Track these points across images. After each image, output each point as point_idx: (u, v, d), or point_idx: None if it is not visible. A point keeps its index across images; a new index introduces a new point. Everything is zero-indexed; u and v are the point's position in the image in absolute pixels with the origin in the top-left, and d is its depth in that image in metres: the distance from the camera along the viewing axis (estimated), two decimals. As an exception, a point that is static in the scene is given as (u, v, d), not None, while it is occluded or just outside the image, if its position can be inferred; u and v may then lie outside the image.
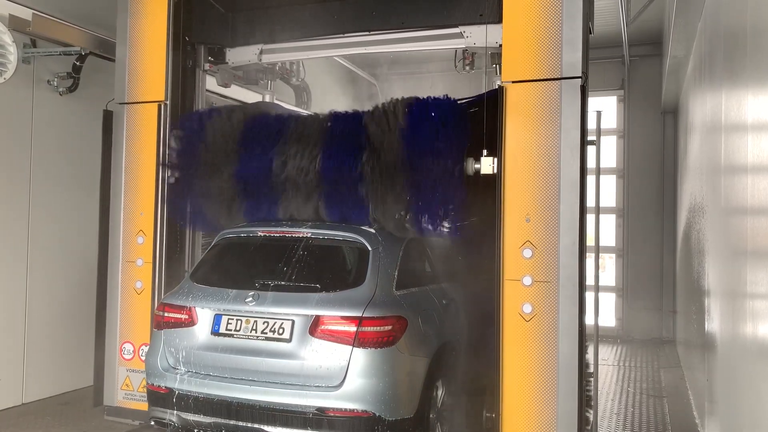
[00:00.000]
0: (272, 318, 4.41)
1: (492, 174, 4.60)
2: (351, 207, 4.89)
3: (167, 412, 4.59)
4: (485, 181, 4.65)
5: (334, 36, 5.62)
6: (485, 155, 4.65)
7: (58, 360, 6.43)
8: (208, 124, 5.37)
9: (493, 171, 4.59)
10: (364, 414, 4.11)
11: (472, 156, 4.71)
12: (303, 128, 5.16)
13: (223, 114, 5.44)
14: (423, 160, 4.65)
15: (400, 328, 4.33)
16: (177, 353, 4.58)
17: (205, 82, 6.06)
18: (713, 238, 4.77)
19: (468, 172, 4.72)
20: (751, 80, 3.06)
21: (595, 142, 4.63)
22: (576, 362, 4.27)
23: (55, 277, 6.53)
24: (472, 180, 4.72)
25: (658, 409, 6.63)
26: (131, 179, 5.64)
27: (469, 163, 4.72)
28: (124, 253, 5.63)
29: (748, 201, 3.14)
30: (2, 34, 5.86)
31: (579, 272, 4.31)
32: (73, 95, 6.62)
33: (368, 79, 11.27)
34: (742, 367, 3.29)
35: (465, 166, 4.70)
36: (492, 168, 4.61)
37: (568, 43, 4.39)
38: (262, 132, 5.25)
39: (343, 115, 5.16)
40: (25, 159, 6.34)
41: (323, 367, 4.20)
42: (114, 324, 5.61)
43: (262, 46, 5.88)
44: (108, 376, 5.61)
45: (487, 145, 4.61)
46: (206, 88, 6.10)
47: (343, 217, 4.95)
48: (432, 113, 4.71)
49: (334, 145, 4.93)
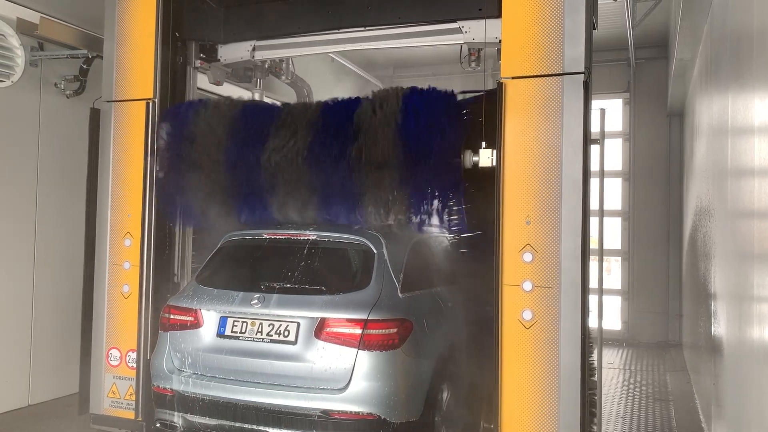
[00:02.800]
0: (277, 320, 4.41)
1: (491, 167, 4.44)
2: (345, 199, 4.78)
3: (172, 414, 4.60)
4: (484, 174, 4.51)
5: (329, 32, 5.47)
6: (484, 147, 4.50)
7: (64, 362, 6.45)
8: (195, 115, 5.22)
9: (492, 163, 4.43)
10: (369, 417, 4.11)
11: (470, 149, 4.58)
12: (293, 118, 4.99)
13: (210, 105, 5.29)
14: (419, 152, 4.52)
15: (405, 330, 4.32)
16: (182, 355, 4.59)
17: (196, 80, 5.89)
18: (720, 241, 4.75)
19: (466, 165, 4.59)
20: (758, 83, 3.05)
21: (599, 142, 4.47)
22: (579, 372, 4.09)
23: (62, 279, 6.54)
24: (470, 173, 4.60)
25: (664, 413, 6.59)
26: (118, 180, 5.45)
27: (468, 156, 4.58)
28: (111, 255, 5.43)
29: (755, 204, 3.13)
30: (10, 37, 5.89)
31: (582, 277, 4.12)
32: (80, 98, 6.65)
33: (374, 82, 11.30)
34: (749, 371, 3.27)
35: (463, 159, 4.57)
36: (491, 160, 4.45)
37: (570, 38, 4.23)
38: (251, 122, 5.10)
39: (335, 104, 4.99)
40: (31, 161, 6.36)
41: (328, 370, 4.20)
42: (100, 329, 5.41)
43: (254, 43, 5.72)
44: (94, 383, 5.42)
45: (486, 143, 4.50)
46: (198, 86, 5.94)
47: (336, 210, 4.84)
48: (429, 104, 4.59)
49: (326, 135, 4.79)
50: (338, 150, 4.71)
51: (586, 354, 4.18)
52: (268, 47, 5.78)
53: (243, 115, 5.18)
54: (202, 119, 5.17)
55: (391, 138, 4.57)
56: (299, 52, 5.81)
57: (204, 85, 6.18)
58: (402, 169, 4.56)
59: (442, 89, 4.71)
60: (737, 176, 3.86)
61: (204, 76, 6.05)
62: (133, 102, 5.46)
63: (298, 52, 5.83)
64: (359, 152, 4.63)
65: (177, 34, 5.63)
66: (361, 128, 4.68)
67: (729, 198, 4.21)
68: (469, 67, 5.24)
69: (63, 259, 6.58)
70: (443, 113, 4.61)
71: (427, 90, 4.70)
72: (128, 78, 5.50)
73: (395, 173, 4.58)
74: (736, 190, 3.91)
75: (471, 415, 4.83)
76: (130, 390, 5.29)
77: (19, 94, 6.15)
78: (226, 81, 6.25)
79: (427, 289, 4.97)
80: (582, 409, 4.11)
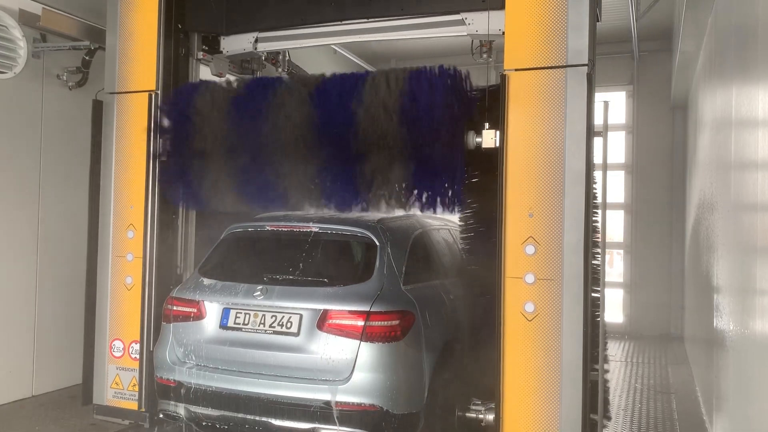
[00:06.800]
0: (280, 312, 4.42)
1: (494, 148, 4.42)
2: (347, 181, 4.73)
3: (176, 405, 4.62)
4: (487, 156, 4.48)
5: (331, 23, 5.43)
6: (487, 128, 4.46)
7: (68, 353, 6.47)
8: (197, 96, 5.20)
9: (495, 144, 4.41)
10: (371, 408, 4.12)
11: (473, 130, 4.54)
12: (294, 96, 4.90)
13: (211, 86, 5.27)
14: (423, 133, 4.48)
15: (407, 322, 4.34)
16: (185, 347, 4.61)
17: (198, 72, 5.87)
18: (723, 234, 4.75)
19: (469, 146, 4.55)
20: (762, 75, 3.04)
21: (602, 134, 4.43)
22: (581, 364, 4.09)
23: (65, 271, 6.56)
24: (473, 154, 4.56)
25: (666, 406, 6.61)
26: (121, 171, 5.46)
27: (471, 137, 4.54)
28: (114, 247, 5.44)
29: (758, 197, 3.13)
30: (12, 28, 5.89)
31: (584, 270, 4.13)
32: (83, 89, 6.65)
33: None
34: (751, 364, 3.28)
35: (466, 140, 4.53)
36: (494, 141, 4.42)
37: (573, 29, 4.21)
38: (252, 101, 5.04)
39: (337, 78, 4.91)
40: (34, 153, 6.37)
41: (331, 361, 4.21)
42: (103, 321, 5.45)
43: (257, 34, 5.69)
44: (97, 374, 5.45)
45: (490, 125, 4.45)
46: (200, 78, 5.87)
47: (338, 193, 4.79)
48: (433, 83, 4.53)
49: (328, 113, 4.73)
50: (344, 132, 4.64)
51: (588, 346, 4.17)
52: (271, 39, 5.76)
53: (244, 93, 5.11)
54: (204, 101, 5.15)
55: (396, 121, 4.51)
56: (301, 44, 5.78)
57: (206, 76, 6.17)
58: (408, 151, 4.52)
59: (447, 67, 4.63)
60: (741, 169, 3.85)
61: (206, 68, 6.05)
62: (136, 93, 5.45)
63: (300, 44, 5.80)
64: (366, 134, 4.57)
65: (179, 25, 5.63)
66: (367, 110, 4.61)
67: (732, 191, 4.20)
68: (481, 58, 5.19)
69: (66, 251, 6.60)
70: (448, 92, 4.53)
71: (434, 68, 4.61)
72: (131, 70, 5.50)
73: (402, 156, 4.53)
74: (739, 183, 3.90)
75: (472, 406, 4.83)
76: (134, 381, 5.32)
77: (22, 86, 6.15)
78: (228, 72, 6.24)
79: (429, 281, 4.97)
80: (584, 401, 4.12)
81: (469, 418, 4.64)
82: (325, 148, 4.75)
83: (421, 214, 5.09)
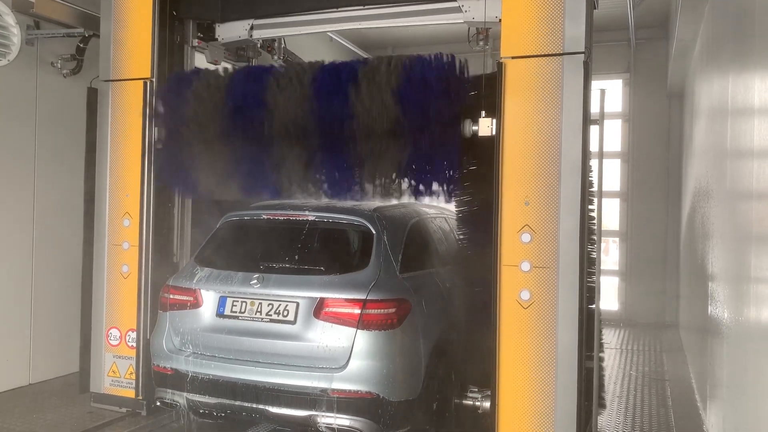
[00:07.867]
0: (277, 300, 4.43)
1: (490, 136, 4.42)
2: (343, 169, 4.75)
3: (173, 393, 4.63)
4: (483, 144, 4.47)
5: (327, 10, 5.41)
6: (483, 116, 4.46)
7: (64, 341, 6.47)
8: (194, 83, 5.17)
9: (492, 132, 4.41)
10: (367, 395, 4.15)
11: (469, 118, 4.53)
12: (289, 83, 4.88)
13: (207, 73, 5.24)
14: (419, 121, 4.47)
15: (403, 310, 4.35)
16: (182, 335, 4.62)
17: (193, 59, 5.86)
18: (718, 223, 4.76)
19: (466, 134, 4.54)
20: (759, 63, 3.04)
21: (598, 122, 4.44)
22: (576, 351, 4.13)
23: (61, 259, 6.55)
24: (469, 142, 4.56)
25: (660, 393, 6.65)
26: (116, 159, 5.44)
27: (467, 125, 4.54)
28: (110, 236, 5.45)
29: (754, 185, 3.13)
30: (5, 15, 5.83)
31: (580, 258, 4.15)
32: (77, 77, 6.59)
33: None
34: (745, 351, 3.30)
35: (462, 128, 4.52)
36: (491, 129, 4.42)
37: (570, 17, 4.20)
38: (248, 88, 5.02)
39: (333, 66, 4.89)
40: (29, 141, 6.33)
41: (327, 349, 4.23)
42: (100, 309, 5.46)
43: (252, 22, 5.67)
44: (94, 363, 5.48)
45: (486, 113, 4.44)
46: (195, 66, 5.86)
47: (334, 181, 4.81)
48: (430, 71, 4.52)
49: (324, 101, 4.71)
50: (339, 119, 4.64)
51: (583, 333, 4.20)
52: (266, 26, 5.73)
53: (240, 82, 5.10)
54: (201, 88, 5.13)
55: (391, 107, 4.51)
56: (297, 31, 5.76)
57: (202, 64, 6.14)
58: (403, 139, 4.52)
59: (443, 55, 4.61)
60: (737, 157, 3.85)
61: (202, 56, 6.02)
62: (131, 81, 5.43)
63: (296, 31, 5.78)
64: (361, 121, 4.57)
65: (174, 12, 5.60)
66: (361, 97, 4.60)
67: (728, 179, 4.21)
68: (478, 46, 5.17)
69: (62, 239, 6.58)
70: (444, 79, 4.51)
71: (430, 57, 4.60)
72: (125, 57, 5.48)
73: (397, 144, 4.54)
74: (735, 171, 3.91)
75: (468, 393, 4.86)
76: (130, 369, 5.34)
77: (16, 74, 6.10)
78: (224, 60, 6.22)
79: (425, 269, 4.98)
80: (579, 388, 4.15)
81: (465, 405, 4.68)
82: (321, 135, 4.75)
83: (417, 202, 5.10)
